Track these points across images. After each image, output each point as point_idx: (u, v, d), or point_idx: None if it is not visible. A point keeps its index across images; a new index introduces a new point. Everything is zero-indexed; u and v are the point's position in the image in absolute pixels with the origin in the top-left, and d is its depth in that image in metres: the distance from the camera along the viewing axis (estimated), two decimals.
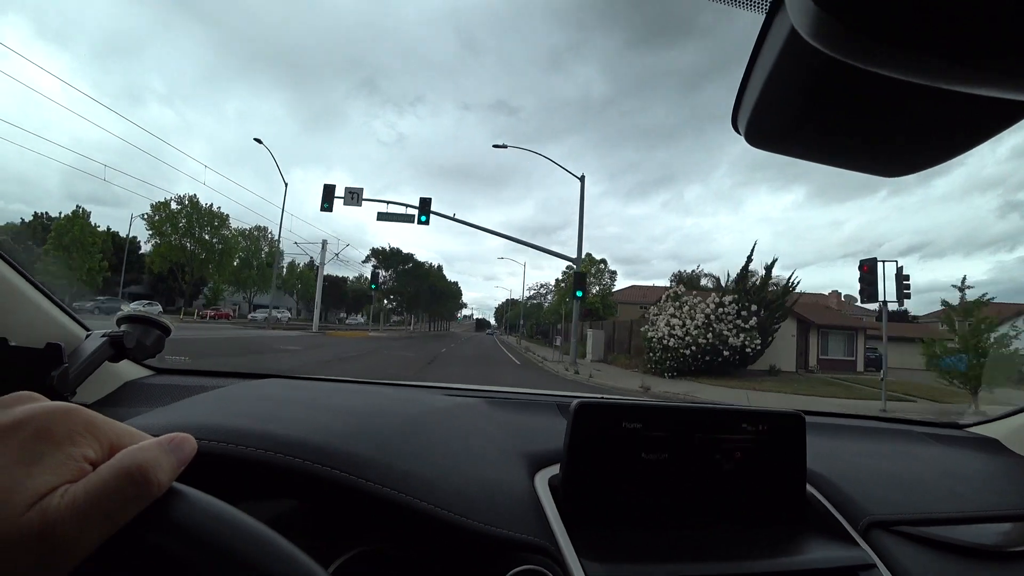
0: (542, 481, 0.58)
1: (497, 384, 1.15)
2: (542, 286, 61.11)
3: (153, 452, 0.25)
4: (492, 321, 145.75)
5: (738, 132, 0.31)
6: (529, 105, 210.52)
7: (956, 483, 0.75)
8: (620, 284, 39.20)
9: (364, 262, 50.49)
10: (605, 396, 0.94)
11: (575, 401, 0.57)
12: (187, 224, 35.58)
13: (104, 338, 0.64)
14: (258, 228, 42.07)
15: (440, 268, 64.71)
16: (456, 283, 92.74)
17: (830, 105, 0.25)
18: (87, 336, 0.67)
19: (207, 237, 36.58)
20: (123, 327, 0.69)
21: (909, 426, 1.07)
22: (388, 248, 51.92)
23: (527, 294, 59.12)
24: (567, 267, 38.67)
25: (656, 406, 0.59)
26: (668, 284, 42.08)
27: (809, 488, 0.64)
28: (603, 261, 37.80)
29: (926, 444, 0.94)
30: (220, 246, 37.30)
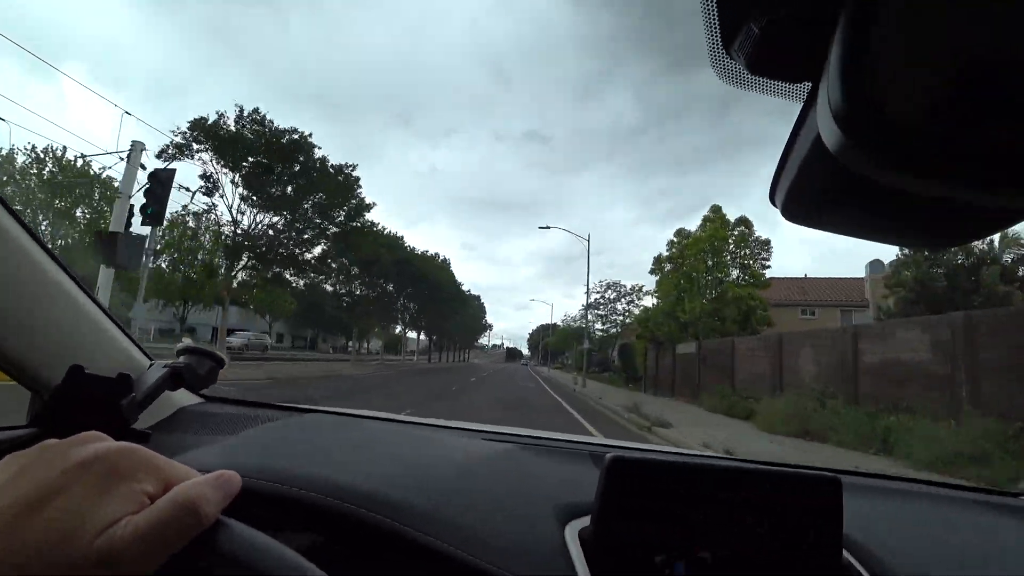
0: (572, 533, 0.59)
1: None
2: (609, 286, 37.82)
3: (203, 488, 0.28)
4: (525, 351, 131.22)
5: (775, 206, 0.31)
6: (560, 134, 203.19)
7: (1011, 559, 0.72)
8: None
9: (159, 156, 15.10)
10: (642, 447, 1.06)
11: (609, 455, 0.58)
12: (36, 183, 21.54)
13: (166, 369, 0.68)
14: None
15: (447, 262, 39.90)
16: (478, 297, 72.72)
17: (864, 191, 0.24)
18: (150, 366, 0.72)
19: (59, 203, 22.31)
20: (182, 359, 0.72)
21: (958, 492, 1.01)
22: (240, 114, 15.74)
23: (578, 310, 40.80)
24: (675, 234, 20.63)
25: (692, 464, 0.59)
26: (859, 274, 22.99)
27: (846, 555, 0.61)
28: (744, 221, 19.06)
29: (977, 513, 0.88)
30: (85, 218, 22.97)
